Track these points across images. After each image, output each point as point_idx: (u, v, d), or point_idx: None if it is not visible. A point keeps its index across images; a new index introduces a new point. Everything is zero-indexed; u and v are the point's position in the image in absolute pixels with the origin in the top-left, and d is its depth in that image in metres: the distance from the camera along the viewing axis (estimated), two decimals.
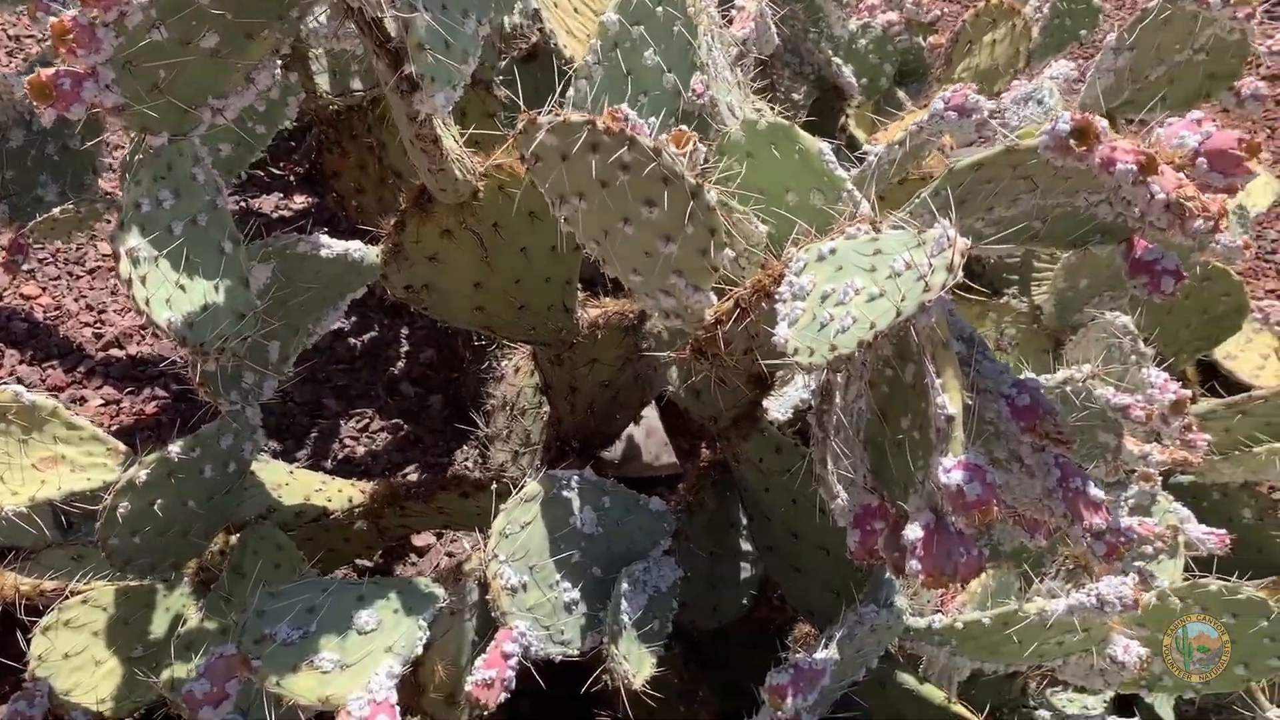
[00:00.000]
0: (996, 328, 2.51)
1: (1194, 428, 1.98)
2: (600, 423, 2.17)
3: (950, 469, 1.13)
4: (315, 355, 2.93)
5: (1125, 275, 1.40)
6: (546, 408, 2.30)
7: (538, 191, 1.52)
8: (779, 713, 1.45)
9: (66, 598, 1.86)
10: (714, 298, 1.26)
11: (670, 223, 1.16)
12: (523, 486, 1.59)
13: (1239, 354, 2.89)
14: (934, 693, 1.68)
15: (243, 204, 3.37)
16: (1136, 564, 1.97)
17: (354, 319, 3.03)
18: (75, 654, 1.83)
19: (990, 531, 2.03)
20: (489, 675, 1.46)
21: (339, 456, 2.68)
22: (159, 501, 1.56)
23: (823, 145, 1.60)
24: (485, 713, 1.48)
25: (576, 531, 1.64)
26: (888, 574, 1.69)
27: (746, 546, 1.95)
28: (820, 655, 1.49)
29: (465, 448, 2.67)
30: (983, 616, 1.61)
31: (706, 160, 1.40)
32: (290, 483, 1.91)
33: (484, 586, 1.55)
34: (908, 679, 1.71)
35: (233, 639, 1.33)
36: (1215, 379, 2.87)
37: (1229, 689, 1.77)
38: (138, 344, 2.90)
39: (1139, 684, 1.78)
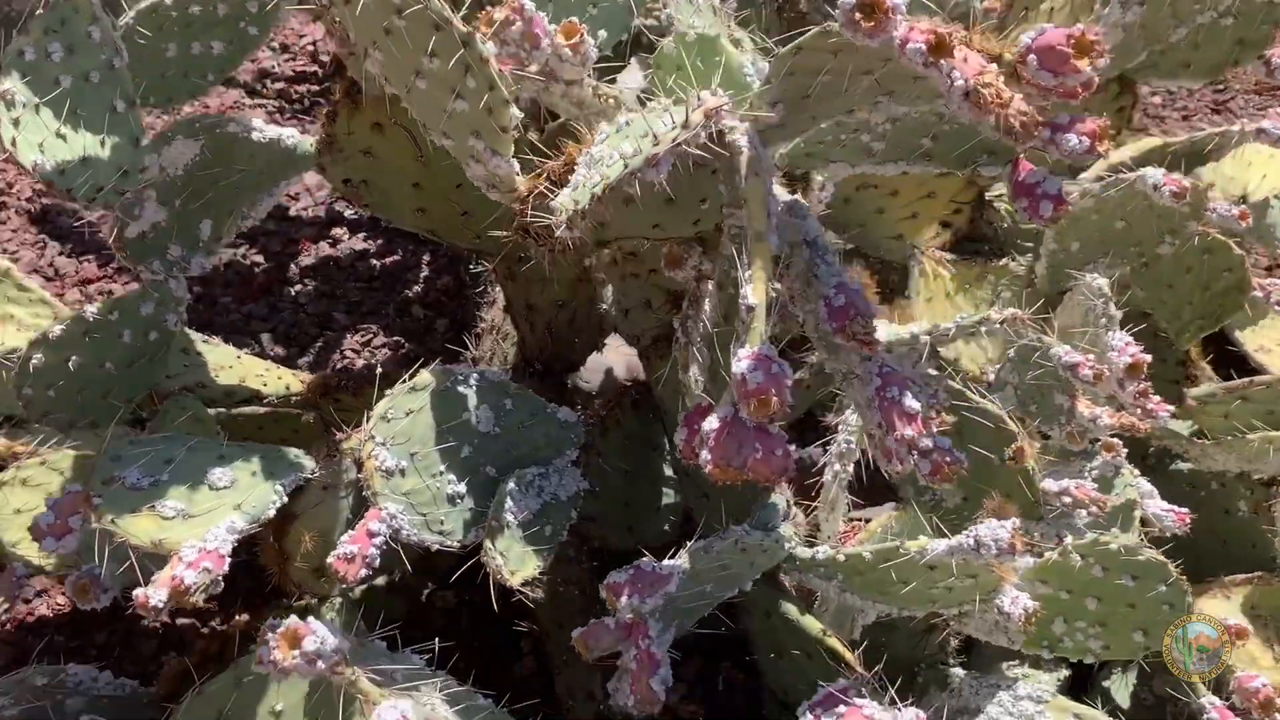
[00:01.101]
0: (993, 290, 2.43)
1: (1150, 394, 1.89)
2: (559, 345, 2.17)
3: (742, 359, 1.11)
4: (336, 271, 3.02)
5: (1010, 198, 1.35)
6: None
7: None
8: (617, 612, 1.44)
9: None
10: (516, 165, 1.26)
11: (452, 76, 1.16)
12: (414, 375, 1.61)
13: (1274, 348, 2.73)
14: (812, 624, 1.65)
15: None
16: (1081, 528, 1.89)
17: (380, 241, 3.11)
18: (26, 511, 1.93)
19: (940, 489, 1.97)
20: (351, 550, 1.49)
21: (337, 366, 2.75)
22: (73, 359, 1.63)
23: (744, 59, 1.58)
24: (346, 586, 1.52)
25: (469, 427, 1.65)
26: (771, 498, 1.67)
27: (670, 472, 1.94)
28: (668, 562, 1.48)
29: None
30: (864, 550, 1.57)
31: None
32: (234, 365, 1.97)
33: (361, 466, 1.57)
34: (791, 609, 1.68)
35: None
36: (1248, 373, 2.72)
37: (1127, 656, 1.70)
38: None
39: (1040, 644, 1.72)
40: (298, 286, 2.97)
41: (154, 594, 1.29)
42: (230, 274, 2.98)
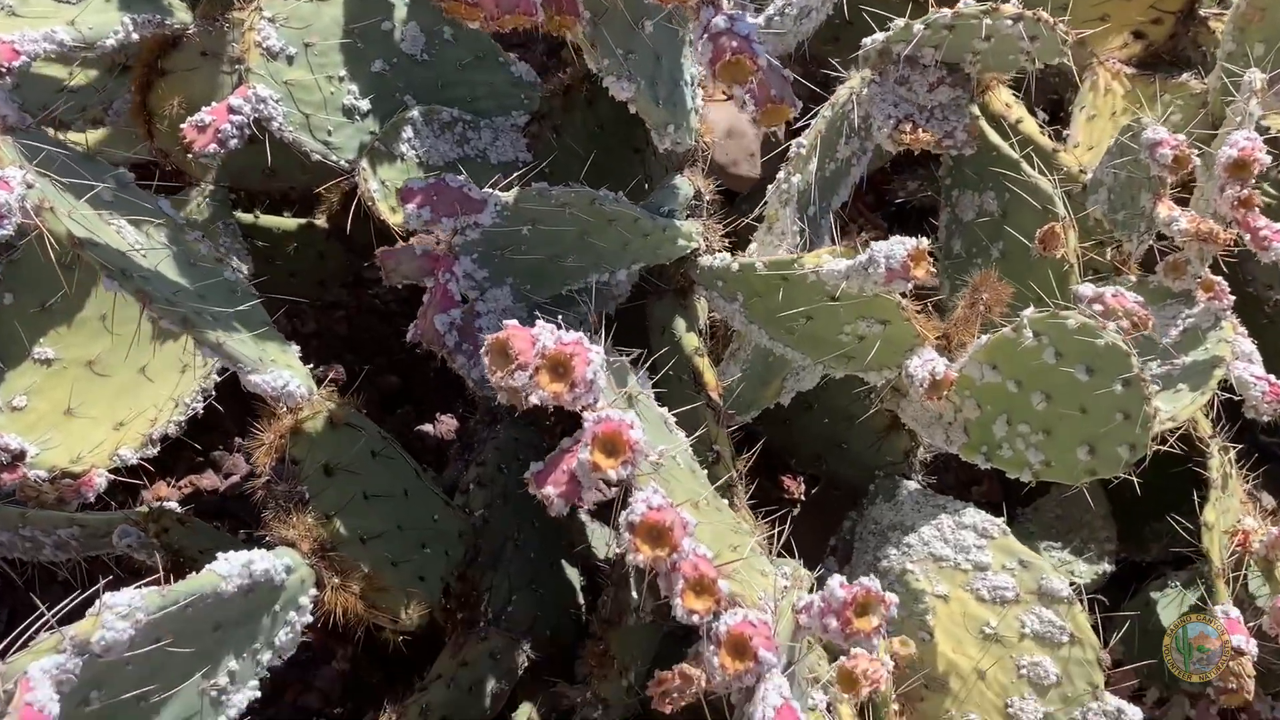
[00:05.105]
0: (1164, 112, 1.96)
1: (1257, 204, 1.44)
2: None
3: None
4: None
5: None
6: None
7: None
8: (406, 220, 1.23)
9: None
10: None
11: None
12: None
13: None
14: (690, 340, 1.38)
15: None
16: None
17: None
18: None
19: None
20: (206, 119, 1.36)
21: None
22: None
23: None
24: (192, 155, 1.38)
25: (389, 40, 1.48)
26: (675, 180, 1.39)
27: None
28: (487, 190, 1.24)
29: None
30: (757, 260, 1.28)
31: None
32: None
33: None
34: (680, 325, 1.41)
35: None
36: None
37: (1068, 478, 1.30)
38: None
39: (978, 449, 1.35)
40: None
41: None
42: None
